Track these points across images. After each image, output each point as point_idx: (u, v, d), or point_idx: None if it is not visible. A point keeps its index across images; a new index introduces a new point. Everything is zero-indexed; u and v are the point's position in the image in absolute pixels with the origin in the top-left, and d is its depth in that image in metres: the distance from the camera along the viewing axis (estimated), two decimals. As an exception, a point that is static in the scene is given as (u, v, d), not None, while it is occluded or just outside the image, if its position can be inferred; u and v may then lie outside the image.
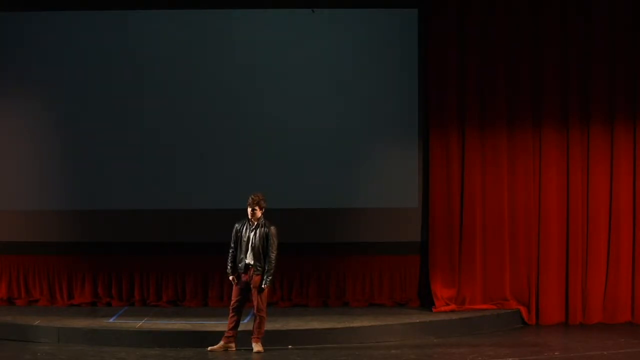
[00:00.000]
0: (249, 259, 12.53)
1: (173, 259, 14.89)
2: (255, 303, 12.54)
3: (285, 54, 14.87)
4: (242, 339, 12.67)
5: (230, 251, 12.67)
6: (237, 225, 12.66)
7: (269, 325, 13.24)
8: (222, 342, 12.61)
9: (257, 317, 12.58)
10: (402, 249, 14.94)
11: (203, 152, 14.91)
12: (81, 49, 14.89)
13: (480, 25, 14.56)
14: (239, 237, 12.61)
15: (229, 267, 12.68)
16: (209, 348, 12.60)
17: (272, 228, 12.57)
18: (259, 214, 12.58)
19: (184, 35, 14.88)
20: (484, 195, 14.63)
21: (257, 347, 12.58)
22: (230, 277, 12.68)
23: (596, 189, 14.56)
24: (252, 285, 12.52)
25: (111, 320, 13.86)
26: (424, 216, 14.87)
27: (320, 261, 14.95)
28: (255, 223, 12.59)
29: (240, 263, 12.59)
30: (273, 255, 12.51)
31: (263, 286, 12.49)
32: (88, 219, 14.94)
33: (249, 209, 12.56)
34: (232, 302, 12.63)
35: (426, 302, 14.75)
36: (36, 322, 13.55)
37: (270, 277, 12.52)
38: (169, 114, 14.91)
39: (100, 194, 14.91)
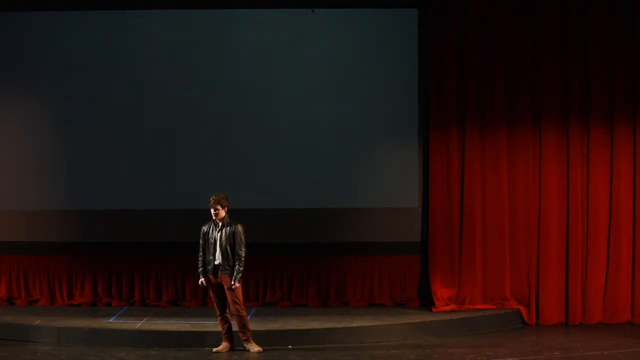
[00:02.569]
0: (218, 260, 12.54)
1: (173, 259, 14.89)
2: (233, 304, 12.51)
3: (285, 54, 14.87)
4: (240, 340, 12.67)
5: (200, 254, 12.68)
6: (203, 227, 12.70)
7: (269, 325, 13.27)
8: (224, 343, 12.63)
9: (239, 317, 12.56)
10: (402, 249, 14.94)
11: (203, 152, 14.91)
12: (81, 49, 14.89)
13: (480, 25, 14.56)
14: (206, 240, 12.63)
15: (200, 270, 12.72)
16: (215, 349, 12.60)
17: (239, 226, 12.58)
18: (222, 213, 12.58)
19: (184, 35, 14.88)
20: (484, 195, 14.63)
21: (253, 347, 12.58)
22: (200, 281, 12.72)
23: (596, 189, 14.56)
24: (225, 286, 12.52)
25: (111, 320, 13.86)
26: (424, 216, 14.88)
27: (320, 261, 14.95)
28: (221, 223, 12.59)
29: (209, 265, 12.61)
30: (242, 253, 12.51)
31: (232, 283, 12.45)
32: (88, 219, 14.95)
33: (212, 210, 12.56)
34: (217, 310, 12.62)
35: (426, 302, 14.76)
36: (36, 322, 13.55)
37: (239, 275, 12.48)
38: (169, 114, 14.91)
39: (100, 194, 14.91)
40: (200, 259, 12.70)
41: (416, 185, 14.92)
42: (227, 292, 12.53)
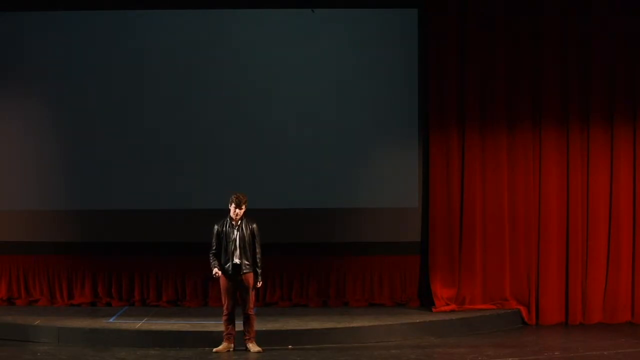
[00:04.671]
0: (237, 259, 12.49)
1: (173, 259, 14.90)
2: (249, 303, 12.52)
3: (285, 54, 14.87)
4: (240, 340, 12.67)
5: (212, 252, 12.58)
6: (217, 227, 12.59)
7: (269, 325, 13.28)
8: (225, 343, 12.61)
9: (249, 317, 12.57)
10: (402, 249, 14.95)
11: (203, 152, 14.91)
12: (81, 49, 14.90)
13: (480, 25, 14.57)
14: (221, 239, 12.56)
15: (213, 264, 12.53)
16: (215, 349, 12.59)
17: (256, 225, 12.59)
18: (242, 213, 12.58)
19: (184, 35, 14.89)
20: (484, 195, 14.64)
21: (254, 347, 12.58)
22: (216, 269, 12.47)
23: (596, 189, 14.57)
24: (243, 285, 12.50)
25: (111, 320, 13.86)
26: (424, 216, 14.88)
27: (320, 261, 14.95)
28: (238, 222, 12.57)
29: (226, 264, 12.54)
30: (260, 251, 12.54)
31: (258, 282, 12.52)
32: (88, 219, 14.94)
33: (237, 209, 12.49)
34: (226, 310, 12.54)
35: (426, 302, 14.76)
36: (36, 322, 13.55)
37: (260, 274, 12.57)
38: (169, 114, 14.91)
39: (100, 194, 14.91)
40: (212, 258, 12.54)
41: (416, 185, 14.92)
42: (247, 290, 12.49)
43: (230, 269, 12.51)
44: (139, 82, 14.90)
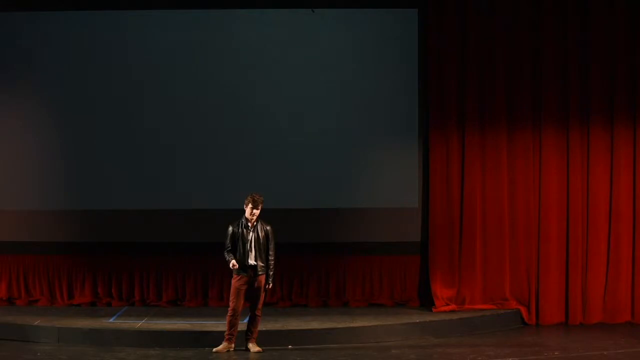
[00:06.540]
0: (253, 260, 12.47)
1: (173, 259, 14.90)
2: (259, 304, 12.52)
3: (285, 54, 14.88)
4: (239, 340, 12.67)
5: (227, 250, 12.50)
6: (232, 227, 12.53)
7: (269, 325, 13.28)
8: (225, 343, 12.59)
9: (256, 317, 12.58)
10: (402, 249, 14.94)
11: (203, 152, 14.91)
12: (81, 49, 14.90)
13: (480, 25, 14.57)
14: (236, 240, 12.52)
15: (229, 257, 12.40)
16: (214, 349, 12.58)
17: (271, 227, 12.57)
18: (258, 213, 12.57)
19: (185, 35, 14.89)
20: (484, 195, 14.64)
21: (254, 347, 12.57)
22: (233, 262, 12.35)
23: (596, 189, 14.56)
24: (256, 285, 12.50)
25: (111, 320, 13.86)
26: (424, 216, 14.88)
27: (320, 261, 14.96)
28: (254, 224, 12.56)
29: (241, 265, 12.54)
30: (274, 254, 12.52)
31: (269, 283, 12.49)
32: (88, 219, 14.94)
33: (254, 210, 12.46)
34: (238, 308, 12.46)
35: (426, 302, 14.76)
36: (36, 322, 13.55)
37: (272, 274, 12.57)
38: (169, 114, 14.92)
39: (100, 194, 14.91)
40: (228, 254, 12.41)
41: (416, 185, 14.92)
42: (259, 291, 12.48)
43: (246, 270, 12.50)
44: (139, 82, 14.91)
